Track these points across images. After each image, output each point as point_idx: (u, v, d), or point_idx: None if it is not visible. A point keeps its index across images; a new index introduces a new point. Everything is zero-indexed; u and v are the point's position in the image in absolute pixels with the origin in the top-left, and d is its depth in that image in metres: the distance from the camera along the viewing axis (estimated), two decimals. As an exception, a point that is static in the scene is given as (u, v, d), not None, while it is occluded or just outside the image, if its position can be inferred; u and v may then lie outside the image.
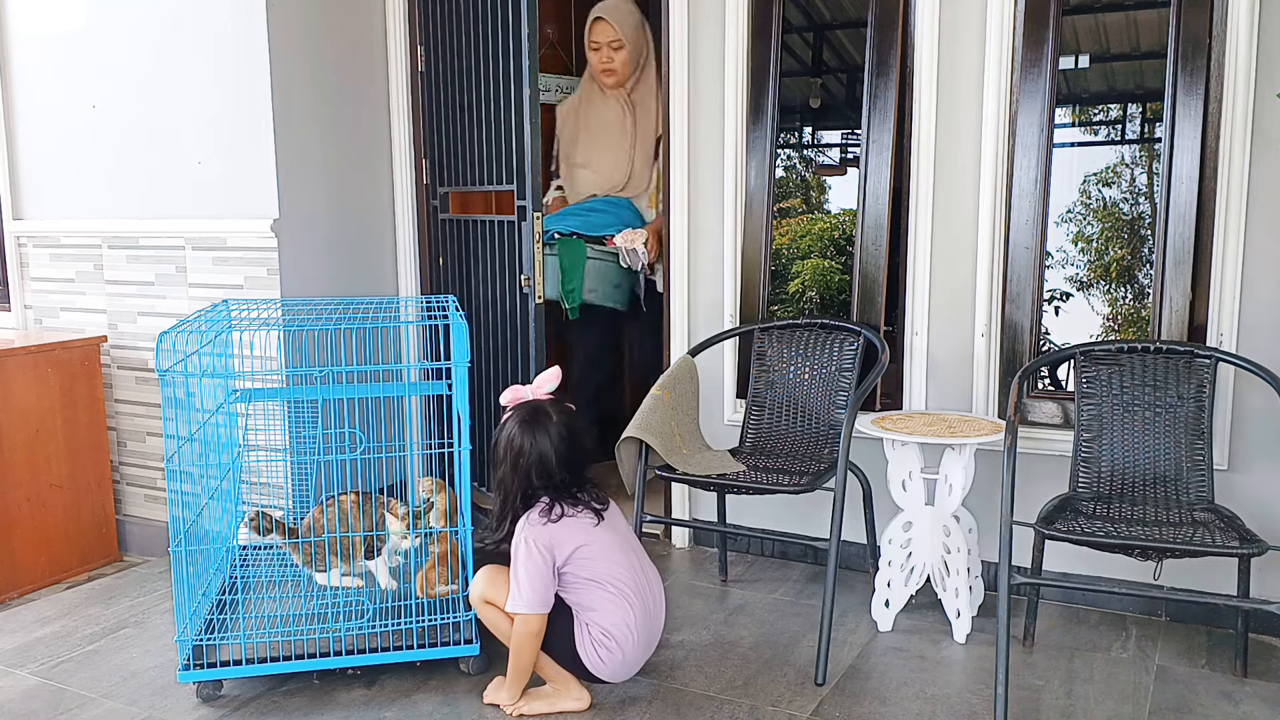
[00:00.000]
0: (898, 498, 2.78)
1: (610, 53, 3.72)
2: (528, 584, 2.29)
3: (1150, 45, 2.96)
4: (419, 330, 3.77)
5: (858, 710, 2.40)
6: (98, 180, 3.67)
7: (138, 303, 3.63)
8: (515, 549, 2.32)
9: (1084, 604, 2.98)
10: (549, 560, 2.30)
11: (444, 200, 3.75)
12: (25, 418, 3.42)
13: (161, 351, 2.39)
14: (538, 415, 2.36)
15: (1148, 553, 2.27)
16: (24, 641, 2.88)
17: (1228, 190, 2.68)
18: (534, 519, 2.33)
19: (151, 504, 3.73)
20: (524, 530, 2.32)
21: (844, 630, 2.82)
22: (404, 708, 2.44)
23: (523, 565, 2.30)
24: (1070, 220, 3.10)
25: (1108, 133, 3.19)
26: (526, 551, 2.30)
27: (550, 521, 2.32)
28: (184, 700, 2.49)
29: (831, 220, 3.64)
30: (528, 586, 2.29)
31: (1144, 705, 2.42)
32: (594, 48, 3.76)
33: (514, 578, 2.31)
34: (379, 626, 2.53)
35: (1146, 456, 2.61)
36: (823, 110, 3.71)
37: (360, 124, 3.67)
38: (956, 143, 2.97)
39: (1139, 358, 2.64)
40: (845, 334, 3.03)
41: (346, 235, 3.61)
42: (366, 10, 3.66)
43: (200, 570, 2.59)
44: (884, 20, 3.06)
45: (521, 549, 2.31)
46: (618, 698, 2.46)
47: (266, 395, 3.07)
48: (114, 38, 3.56)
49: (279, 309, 3.08)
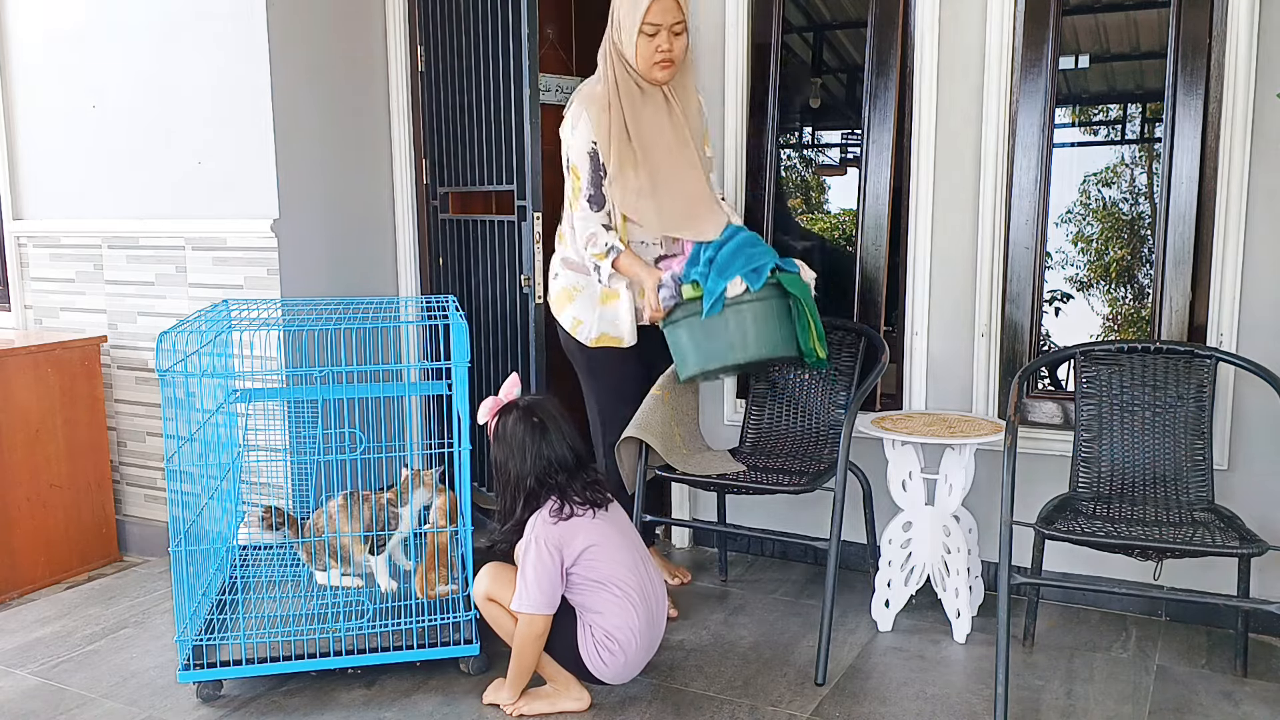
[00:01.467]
0: (898, 498, 2.78)
1: (671, 38, 2.82)
2: (535, 583, 2.28)
3: (1150, 45, 2.96)
4: (419, 330, 3.77)
5: (858, 710, 2.40)
6: (98, 180, 3.67)
7: (138, 303, 3.63)
8: (524, 548, 2.32)
9: (1084, 604, 2.98)
10: (558, 560, 2.30)
11: (444, 200, 3.75)
12: (25, 418, 3.42)
13: (161, 351, 2.39)
14: (534, 413, 2.37)
15: (1148, 553, 2.27)
16: (24, 641, 2.88)
17: (1228, 190, 2.68)
18: (544, 518, 2.33)
19: (151, 504, 3.73)
20: (534, 529, 2.32)
21: (844, 630, 2.82)
22: (404, 708, 2.44)
23: (531, 565, 2.29)
24: (1070, 220, 3.11)
25: (1108, 133, 3.20)
26: (536, 551, 2.30)
27: (560, 521, 2.32)
28: (184, 700, 2.49)
29: (831, 220, 3.64)
30: (535, 586, 2.28)
31: (1144, 705, 2.42)
32: (649, 33, 2.79)
33: (522, 577, 2.30)
34: (379, 626, 2.53)
35: (1146, 456, 2.61)
36: (823, 110, 3.71)
37: (360, 124, 3.67)
38: (956, 143, 2.97)
39: (1139, 358, 2.64)
40: (845, 334, 3.03)
41: (346, 235, 3.61)
42: (366, 10, 3.66)
43: (200, 570, 2.59)
44: (884, 20, 3.07)
45: (531, 548, 2.30)
46: (618, 698, 2.46)
47: (266, 395, 3.07)
48: (114, 38, 3.56)
49: (279, 309, 3.08)
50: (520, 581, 2.30)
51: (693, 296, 2.67)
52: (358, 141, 3.66)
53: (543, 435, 2.34)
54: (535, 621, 2.30)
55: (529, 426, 2.35)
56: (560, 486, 2.34)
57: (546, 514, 2.33)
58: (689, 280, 2.70)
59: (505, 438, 2.37)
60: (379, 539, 2.72)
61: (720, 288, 2.62)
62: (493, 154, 3.42)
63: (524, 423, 2.35)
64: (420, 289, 3.83)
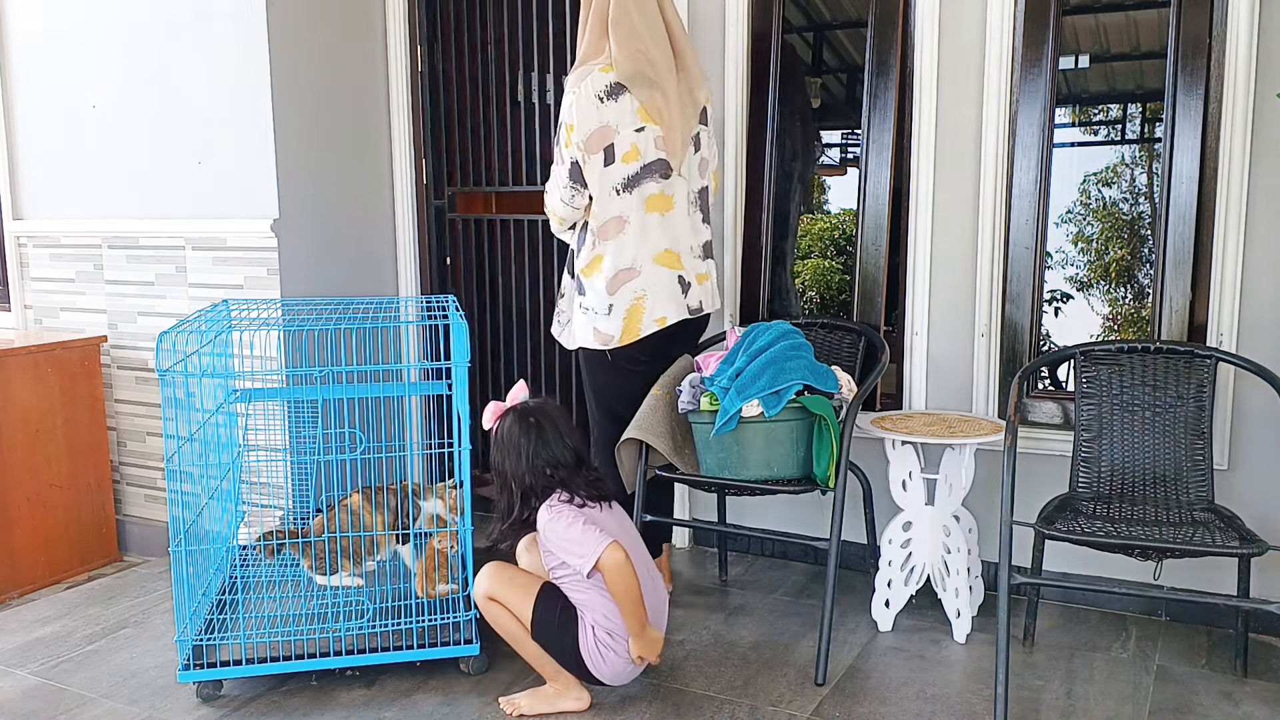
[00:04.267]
0: (898, 498, 2.78)
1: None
2: (583, 535, 2.27)
3: (1150, 45, 2.96)
4: (419, 330, 3.77)
5: (858, 710, 2.40)
6: (98, 180, 3.67)
7: (138, 303, 3.63)
8: (549, 526, 2.31)
9: (1084, 604, 2.98)
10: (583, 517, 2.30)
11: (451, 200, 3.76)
12: (25, 418, 3.42)
13: (161, 351, 2.39)
14: (531, 414, 2.38)
15: (1148, 553, 2.27)
16: (24, 641, 2.88)
17: (1228, 190, 2.68)
18: (556, 501, 2.33)
19: (151, 504, 3.73)
20: (549, 510, 2.33)
21: (844, 630, 2.82)
22: (404, 708, 2.44)
23: (566, 527, 2.28)
24: (1070, 220, 3.11)
25: (1108, 133, 3.20)
26: (561, 517, 2.30)
27: (573, 504, 2.33)
28: (184, 700, 2.49)
29: (831, 220, 3.64)
30: (586, 536, 2.27)
31: (1144, 705, 2.42)
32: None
33: (569, 544, 2.28)
34: (379, 626, 2.53)
35: (1146, 456, 2.61)
36: (823, 110, 3.71)
37: (360, 124, 3.67)
38: (956, 143, 2.97)
39: (1139, 358, 2.63)
40: (845, 334, 3.03)
41: (346, 235, 3.61)
42: (366, 10, 3.66)
43: (200, 570, 2.59)
44: (884, 20, 3.07)
45: (558, 521, 2.30)
46: (618, 698, 2.46)
47: (266, 395, 3.07)
48: (114, 38, 3.55)
49: (279, 309, 3.08)
50: (568, 549, 2.28)
51: (709, 409, 2.67)
52: (358, 141, 3.66)
53: (538, 435, 2.35)
54: (613, 555, 2.26)
55: (525, 427, 2.36)
56: (562, 481, 2.35)
57: (557, 500, 2.34)
58: (711, 389, 2.69)
59: (502, 439, 2.39)
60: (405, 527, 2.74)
61: (735, 408, 2.60)
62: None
63: (520, 424, 2.37)
64: (420, 289, 3.83)
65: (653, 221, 2.75)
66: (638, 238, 2.74)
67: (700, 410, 2.69)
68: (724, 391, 2.64)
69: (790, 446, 2.64)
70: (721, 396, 2.64)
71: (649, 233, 2.75)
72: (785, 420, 2.61)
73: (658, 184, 2.74)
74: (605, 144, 2.70)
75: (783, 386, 2.60)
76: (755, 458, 2.63)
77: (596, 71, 2.70)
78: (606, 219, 2.74)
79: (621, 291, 2.76)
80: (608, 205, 2.74)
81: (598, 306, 2.78)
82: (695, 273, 2.83)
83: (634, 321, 2.76)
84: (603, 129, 2.69)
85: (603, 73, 2.69)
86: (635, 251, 2.74)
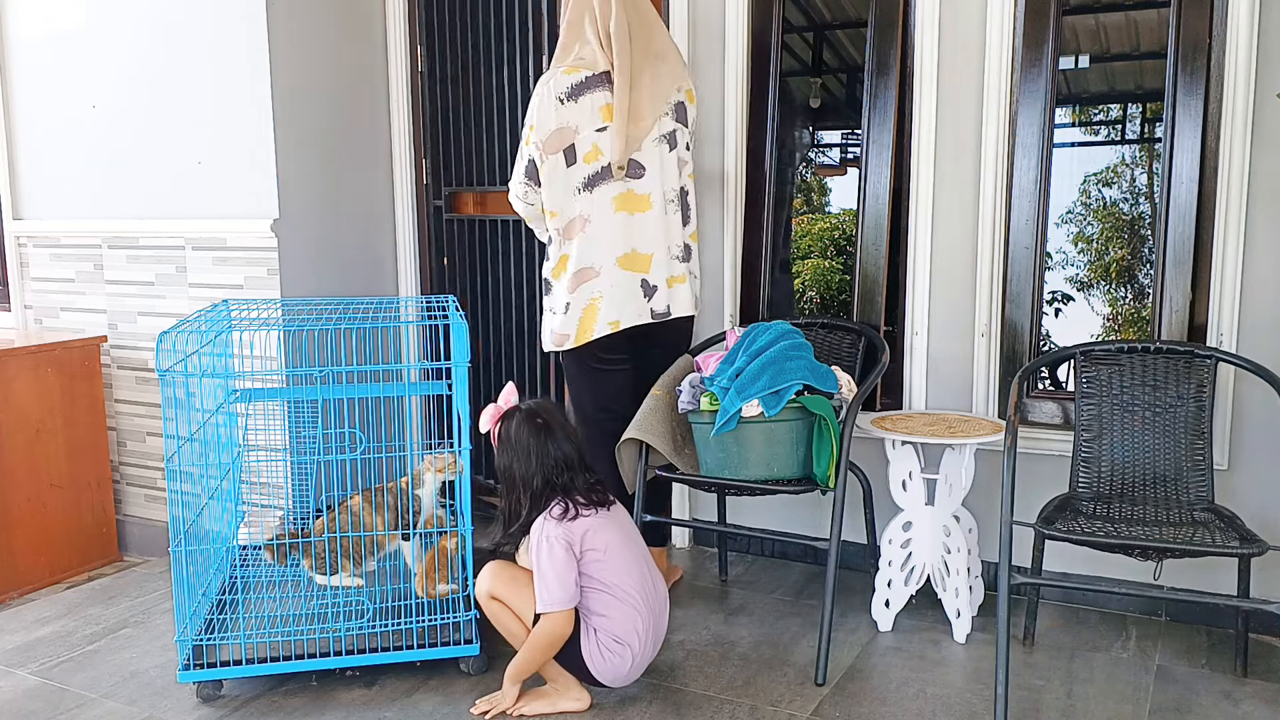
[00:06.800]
0: (898, 498, 2.78)
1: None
2: (555, 580, 2.28)
3: (1150, 45, 2.97)
4: (419, 330, 3.77)
5: (858, 710, 2.40)
6: (98, 180, 3.67)
7: (138, 303, 3.63)
8: (535, 550, 2.32)
9: (1084, 604, 2.98)
10: (572, 556, 2.30)
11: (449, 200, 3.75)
12: (25, 418, 3.42)
13: (161, 351, 2.39)
14: (538, 414, 2.38)
15: (1148, 553, 2.27)
16: (24, 641, 2.88)
17: (1228, 190, 2.68)
18: (551, 519, 2.33)
19: (151, 504, 3.73)
20: (542, 530, 2.32)
21: (844, 630, 2.82)
22: (404, 708, 2.44)
23: (547, 561, 2.29)
24: (1070, 220, 3.11)
25: (1108, 133, 3.20)
26: (549, 549, 2.29)
27: (567, 520, 2.32)
28: (184, 700, 2.49)
29: (831, 220, 3.65)
30: (556, 583, 2.28)
31: (1144, 705, 2.42)
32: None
33: (540, 578, 2.29)
34: (379, 626, 2.53)
35: (1146, 456, 2.61)
36: (823, 110, 3.72)
37: (360, 124, 3.67)
38: (956, 143, 2.97)
39: (1139, 358, 2.63)
40: (845, 334, 3.03)
41: (347, 235, 3.61)
42: (366, 10, 3.66)
43: (200, 570, 2.59)
44: (884, 20, 3.07)
45: (544, 547, 2.30)
46: (617, 698, 2.46)
47: (266, 395, 3.07)
48: (114, 38, 3.56)
49: (279, 309, 3.08)
50: (539, 583, 2.29)
51: (709, 409, 2.66)
52: (358, 141, 3.66)
53: (548, 435, 2.35)
54: (558, 620, 2.29)
55: (533, 428, 2.36)
56: (565, 486, 2.34)
57: (554, 514, 2.33)
58: (711, 388, 2.68)
59: (510, 441, 2.38)
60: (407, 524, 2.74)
61: (735, 408, 2.59)
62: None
63: (528, 424, 2.36)
64: (420, 289, 3.83)
65: (619, 221, 2.76)
66: (600, 237, 2.76)
67: (700, 410, 2.69)
68: (724, 391, 2.64)
69: (790, 446, 2.64)
70: (721, 396, 2.64)
71: (613, 233, 2.76)
72: (785, 420, 2.61)
73: (626, 183, 2.75)
74: (565, 145, 2.73)
75: (783, 386, 2.60)
76: (755, 458, 2.63)
77: (560, 74, 2.75)
78: (570, 218, 2.77)
79: (580, 291, 2.78)
80: (570, 204, 2.76)
81: (557, 306, 2.83)
82: (668, 275, 2.83)
83: (589, 322, 2.79)
84: (561, 130, 2.72)
85: (566, 74, 2.74)
86: (597, 251, 2.76)
